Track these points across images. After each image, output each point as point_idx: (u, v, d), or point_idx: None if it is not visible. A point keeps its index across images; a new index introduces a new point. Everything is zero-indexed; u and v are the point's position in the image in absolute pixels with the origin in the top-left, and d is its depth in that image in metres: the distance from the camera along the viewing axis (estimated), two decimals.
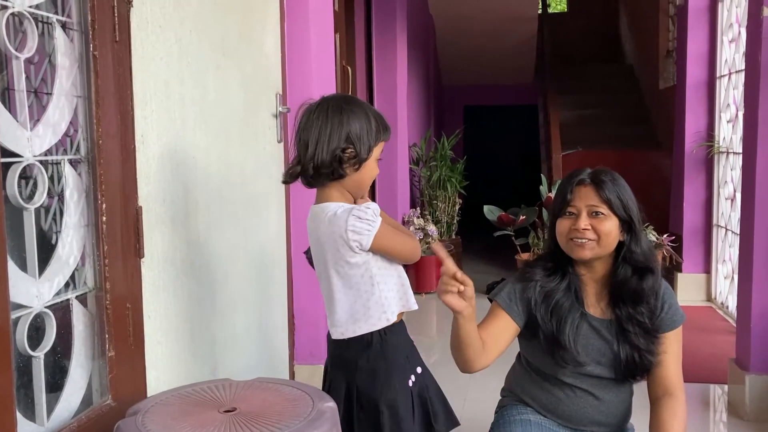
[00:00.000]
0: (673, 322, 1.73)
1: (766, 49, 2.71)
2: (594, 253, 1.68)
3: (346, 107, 1.72)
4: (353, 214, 1.65)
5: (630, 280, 1.69)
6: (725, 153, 4.58)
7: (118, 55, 1.68)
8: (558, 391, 1.77)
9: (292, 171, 1.73)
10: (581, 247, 1.67)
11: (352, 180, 1.72)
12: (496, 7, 7.11)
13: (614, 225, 1.67)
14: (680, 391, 1.72)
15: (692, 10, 4.78)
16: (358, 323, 1.72)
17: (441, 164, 5.93)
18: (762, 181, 2.78)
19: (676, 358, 1.74)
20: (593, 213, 1.67)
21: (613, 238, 1.68)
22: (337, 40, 3.88)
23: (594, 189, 1.67)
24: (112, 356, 1.66)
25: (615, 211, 1.67)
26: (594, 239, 1.66)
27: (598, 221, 1.66)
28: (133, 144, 1.74)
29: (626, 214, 1.67)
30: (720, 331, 4.09)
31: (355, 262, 1.68)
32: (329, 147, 1.67)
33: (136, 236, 1.75)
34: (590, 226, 1.66)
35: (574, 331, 1.69)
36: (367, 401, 1.69)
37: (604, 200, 1.66)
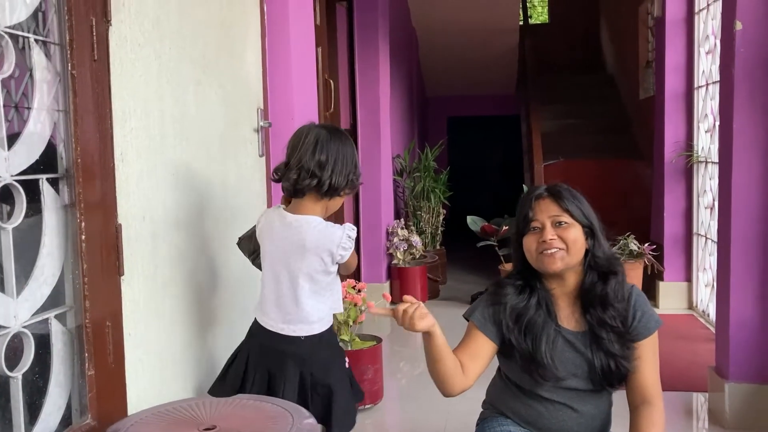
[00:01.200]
0: (647, 330, 1.74)
1: (739, 61, 2.76)
2: (565, 263, 1.70)
3: (349, 139, 2.02)
4: (347, 233, 1.95)
5: (596, 285, 1.72)
6: (704, 162, 4.64)
7: (97, 73, 1.68)
8: (537, 405, 1.78)
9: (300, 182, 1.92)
10: (552, 257, 1.69)
11: (335, 202, 2.01)
12: (478, 20, 7.18)
13: (579, 232, 1.71)
14: (658, 399, 1.72)
15: (669, 22, 4.85)
16: (322, 322, 1.99)
17: (425, 175, 5.96)
18: (738, 190, 2.82)
19: (652, 366, 1.74)
20: (557, 223, 1.70)
21: (580, 246, 1.71)
22: (319, 53, 3.90)
23: (553, 200, 1.72)
24: (91, 375, 1.66)
25: (577, 219, 1.71)
26: (563, 248, 1.69)
27: (563, 230, 1.69)
28: (112, 162, 1.75)
29: (587, 220, 1.72)
30: (701, 339, 4.13)
31: (331, 271, 1.97)
32: (345, 170, 1.95)
33: (116, 254, 1.75)
34: (556, 236, 1.69)
35: (550, 347, 1.71)
36: (321, 386, 1.96)
37: (564, 209, 1.70)
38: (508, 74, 8.79)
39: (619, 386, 1.78)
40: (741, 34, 2.75)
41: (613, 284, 1.71)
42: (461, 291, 5.61)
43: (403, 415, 3.22)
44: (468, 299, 5.19)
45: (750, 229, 2.83)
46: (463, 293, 5.46)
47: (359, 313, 3.13)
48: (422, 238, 5.79)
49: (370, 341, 3.22)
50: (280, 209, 2.02)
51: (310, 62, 3.17)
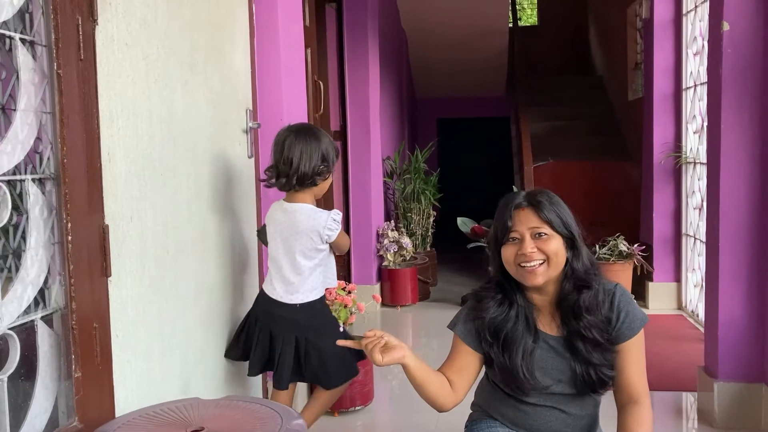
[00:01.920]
0: (631, 330, 1.69)
1: (726, 62, 2.78)
2: (546, 276, 1.66)
3: (318, 133, 2.41)
4: (332, 217, 2.40)
5: (570, 295, 1.68)
6: (692, 163, 4.67)
7: (83, 73, 1.67)
8: (524, 407, 1.77)
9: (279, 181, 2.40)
10: (532, 273, 1.65)
11: (319, 188, 2.45)
12: (468, 22, 7.19)
13: (560, 244, 1.66)
14: (645, 398, 1.69)
15: (658, 24, 4.88)
16: (314, 292, 2.46)
17: (415, 177, 5.96)
18: (726, 190, 2.84)
19: (638, 365, 1.71)
20: (536, 235, 1.65)
21: (561, 257, 1.66)
22: (309, 54, 3.90)
23: (533, 211, 1.66)
24: (78, 377, 1.64)
25: (557, 230, 1.65)
26: (542, 260, 1.65)
27: (543, 242, 1.64)
28: (99, 162, 1.73)
29: (567, 231, 1.67)
30: (691, 339, 4.15)
31: (321, 248, 2.42)
32: (311, 163, 2.35)
33: (103, 255, 1.74)
34: (536, 249, 1.64)
35: (527, 361, 1.68)
36: (314, 348, 2.39)
37: (544, 221, 1.65)
38: (498, 76, 8.81)
39: (604, 391, 1.76)
40: (728, 34, 2.77)
41: (586, 296, 1.67)
42: (452, 292, 5.61)
43: (394, 416, 3.21)
44: (458, 300, 5.19)
45: (738, 229, 2.85)
46: (454, 295, 5.46)
47: (349, 314, 3.13)
48: (412, 239, 5.78)
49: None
50: (282, 201, 2.48)
51: (299, 63, 3.17)
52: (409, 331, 4.81)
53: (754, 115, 2.77)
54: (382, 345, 1.58)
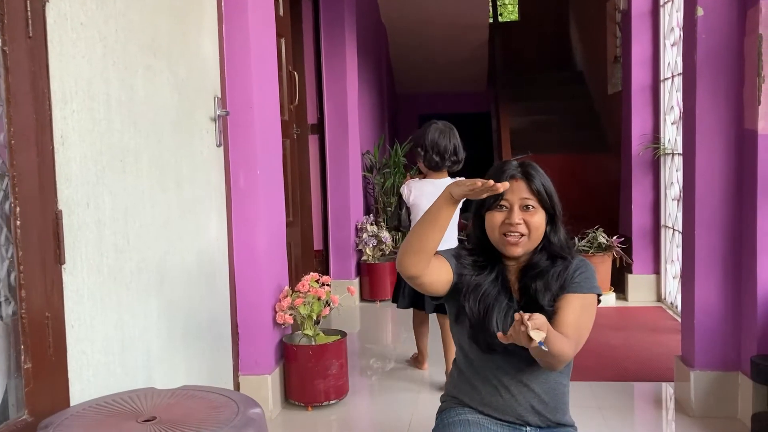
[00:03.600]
0: (577, 286, 1.68)
1: (701, 48, 2.75)
2: (524, 249, 1.71)
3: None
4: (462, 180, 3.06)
5: (540, 264, 1.71)
6: (671, 154, 4.65)
7: (32, 51, 1.60)
8: (490, 386, 1.75)
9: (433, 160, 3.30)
10: (514, 245, 1.68)
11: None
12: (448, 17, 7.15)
13: (542, 218, 1.71)
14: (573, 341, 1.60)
15: (635, 15, 4.86)
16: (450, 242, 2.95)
17: (394, 171, 5.91)
18: (701, 177, 2.81)
19: (575, 314, 1.63)
20: (524, 206, 1.69)
21: (541, 232, 1.71)
22: (283, 44, 3.83)
23: (525, 182, 1.69)
24: (28, 368, 1.57)
25: (543, 204, 1.70)
26: (525, 233, 1.68)
27: (530, 215, 1.69)
28: (51, 145, 1.67)
29: (551, 206, 1.72)
30: (670, 331, 4.13)
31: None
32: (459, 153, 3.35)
33: (56, 241, 1.67)
34: (522, 220, 1.68)
35: (501, 318, 1.69)
36: None
37: (534, 193, 1.69)
38: (479, 72, 8.78)
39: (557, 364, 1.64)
40: (702, 20, 2.74)
41: (559, 267, 1.70)
42: None
43: (369, 409, 3.16)
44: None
45: (714, 217, 2.82)
46: None
47: (323, 306, 3.07)
48: (392, 234, 5.73)
49: (335, 336, 3.15)
50: (424, 180, 3.35)
51: (270, 51, 3.10)
52: (388, 326, 4.76)
53: (729, 100, 2.74)
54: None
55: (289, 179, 3.91)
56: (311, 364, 3.00)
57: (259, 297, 2.94)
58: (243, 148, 2.86)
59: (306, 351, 3.01)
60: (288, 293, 3.06)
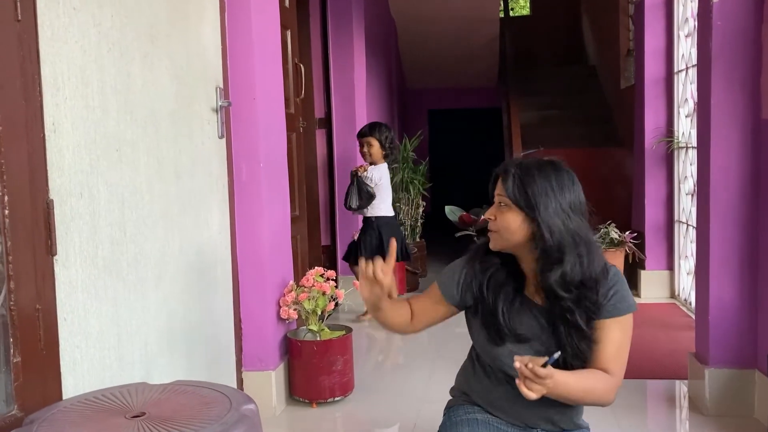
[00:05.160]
0: (615, 310, 1.61)
1: (716, 36, 2.67)
2: (500, 244, 1.65)
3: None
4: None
5: (545, 276, 1.60)
6: (684, 148, 4.56)
7: (21, 35, 1.55)
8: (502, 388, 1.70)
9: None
10: (491, 238, 1.68)
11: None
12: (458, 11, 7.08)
13: (514, 217, 1.60)
14: (615, 375, 1.59)
15: (649, 7, 4.77)
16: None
17: (403, 166, 5.84)
18: (716, 169, 2.73)
19: (614, 345, 1.60)
20: (499, 204, 1.65)
21: (514, 230, 1.60)
22: (288, 36, 3.77)
23: (501, 181, 1.65)
24: (17, 362, 1.53)
25: (516, 203, 1.60)
26: (497, 230, 1.65)
27: (499, 212, 1.64)
28: (42, 132, 1.62)
29: (527, 207, 1.59)
30: (683, 327, 4.04)
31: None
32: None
33: (47, 232, 1.62)
34: (494, 216, 1.65)
35: (507, 306, 1.65)
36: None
37: (506, 192, 1.62)
38: (489, 67, 8.69)
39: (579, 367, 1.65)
40: (719, 6, 2.65)
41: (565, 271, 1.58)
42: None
43: (375, 406, 3.10)
44: None
45: (729, 211, 2.74)
46: None
47: (328, 301, 3.02)
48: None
49: (340, 331, 3.10)
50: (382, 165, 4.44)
51: (274, 42, 3.05)
52: None
53: (746, 89, 2.66)
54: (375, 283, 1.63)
55: (295, 173, 3.85)
56: (316, 360, 2.94)
57: (262, 291, 2.88)
58: (245, 140, 2.81)
59: (311, 346, 2.95)
60: (292, 288, 3.01)
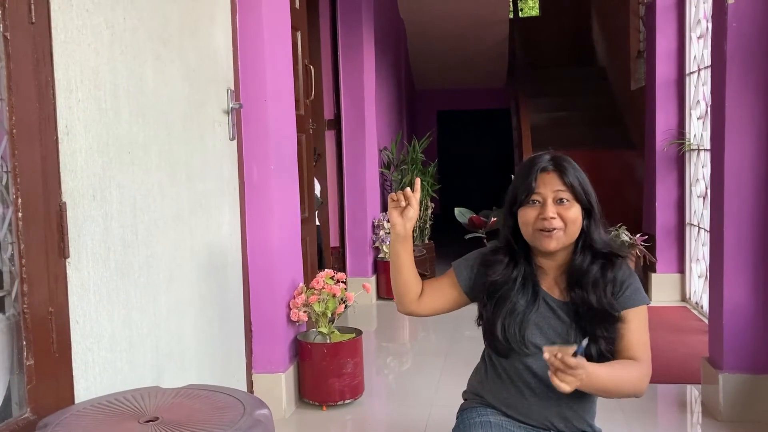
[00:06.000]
0: (632, 300, 1.62)
1: (731, 37, 2.64)
2: (560, 243, 1.61)
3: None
4: None
5: (590, 268, 1.61)
6: (696, 150, 4.53)
7: (35, 38, 1.55)
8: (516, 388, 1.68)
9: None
10: (549, 238, 1.60)
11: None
12: (467, 11, 7.05)
13: (578, 211, 1.61)
14: (645, 361, 1.61)
15: (660, 8, 4.74)
16: None
17: (412, 168, 5.83)
18: (730, 172, 2.70)
19: (638, 334, 1.61)
20: (558, 200, 1.60)
21: (578, 226, 1.61)
22: (299, 37, 3.77)
23: (558, 175, 1.60)
24: (30, 365, 1.52)
25: (578, 198, 1.61)
26: (561, 228, 1.59)
27: (564, 208, 1.59)
28: (55, 135, 1.62)
29: (587, 200, 1.62)
30: (695, 331, 4.02)
31: None
32: None
33: (60, 234, 1.62)
34: (557, 215, 1.59)
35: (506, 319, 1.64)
36: None
37: (568, 186, 1.60)
38: (498, 68, 8.67)
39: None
40: (733, 8, 2.63)
41: (610, 272, 1.61)
42: None
43: (385, 409, 3.09)
44: None
45: (743, 214, 2.72)
46: None
47: (338, 304, 3.01)
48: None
49: (350, 334, 3.09)
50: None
51: (285, 45, 3.04)
52: (405, 324, 4.68)
53: (760, 91, 2.63)
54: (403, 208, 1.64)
55: (305, 175, 3.85)
56: (326, 363, 2.93)
57: (272, 293, 2.88)
58: (256, 142, 2.81)
59: (321, 349, 2.94)
60: (302, 290, 3.00)
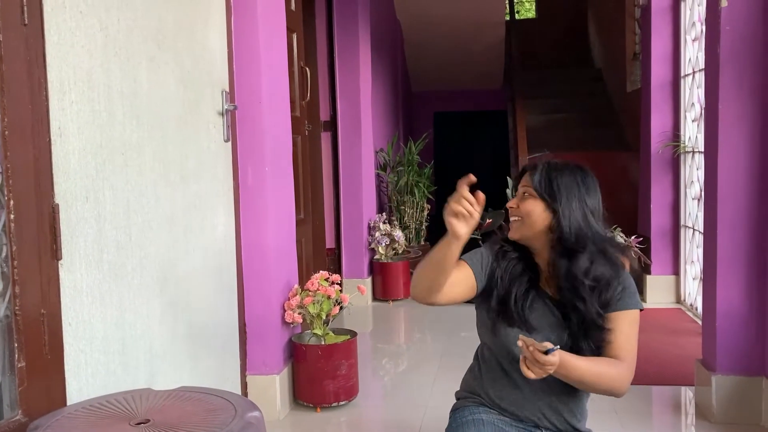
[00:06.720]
0: (623, 303, 1.67)
1: (724, 41, 2.65)
2: (519, 233, 1.72)
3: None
4: None
5: (560, 263, 1.67)
6: (691, 152, 4.54)
7: (28, 39, 1.55)
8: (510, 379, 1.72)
9: None
10: (511, 227, 1.75)
11: None
12: (464, 13, 7.06)
13: (536, 205, 1.70)
14: (628, 362, 1.64)
15: (655, 11, 4.75)
16: None
17: (408, 169, 5.84)
18: (724, 174, 2.71)
19: (625, 336, 1.66)
20: (523, 194, 1.74)
21: (535, 218, 1.69)
22: (294, 39, 3.77)
23: (529, 174, 1.75)
24: (22, 367, 1.52)
25: (539, 193, 1.70)
26: (518, 218, 1.72)
27: (523, 201, 1.73)
28: (48, 136, 1.62)
29: (550, 197, 1.69)
30: (689, 333, 4.02)
31: None
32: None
33: (53, 236, 1.62)
34: (516, 205, 1.73)
35: (521, 295, 1.71)
36: None
37: (531, 183, 1.73)
38: (495, 69, 8.67)
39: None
40: (727, 11, 2.64)
41: (581, 263, 1.65)
42: None
43: (379, 410, 3.09)
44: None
45: (737, 216, 2.72)
46: None
47: (333, 305, 3.01)
48: (406, 233, 5.66)
49: (345, 335, 3.09)
50: None
51: (280, 46, 3.04)
52: (401, 326, 4.69)
53: (754, 94, 2.64)
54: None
55: (300, 176, 3.85)
56: (320, 364, 2.93)
57: (267, 295, 2.88)
58: (251, 143, 2.81)
59: (315, 351, 2.94)
60: (297, 291, 3.00)
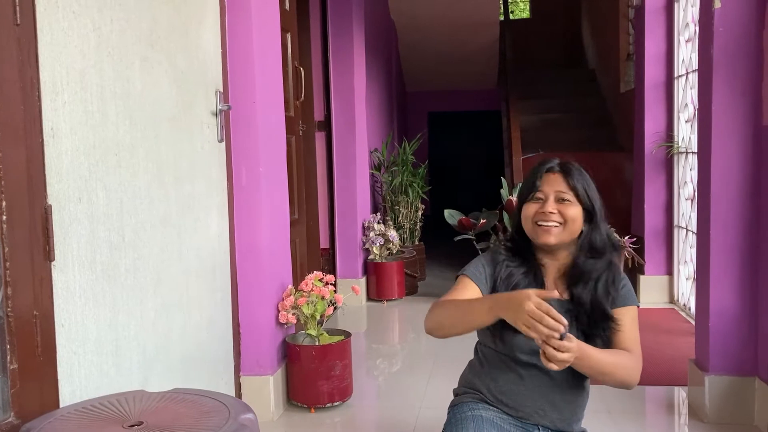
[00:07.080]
0: (624, 299, 1.71)
1: (717, 42, 2.66)
2: (559, 238, 1.69)
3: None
4: None
5: (585, 263, 1.70)
6: (684, 153, 4.55)
7: (20, 39, 1.54)
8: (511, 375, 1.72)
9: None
10: (547, 231, 1.69)
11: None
12: (458, 13, 7.07)
13: (579, 212, 1.70)
14: (636, 354, 1.68)
15: (649, 11, 4.76)
16: None
17: (402, 169, 5.83)
18: (717, 174, 2.72)
19: (629, 330, 1.70)
20: (560, 199, 1.70)
21: (577, 225, 1.71)
22: (289, 39, 3.77)
23: (562, 176, 1.72)
24: (14, 369, 1.51)
25: (580, 199, 1.71)
26: (560, 223, 1.69)
27: (564, 206, 1.69)
28: (40, 137, 1.61)
29: (589, 203, 1.71)
30: (683, 333, 4.04)
31: None
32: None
33: (45, 237, 1.61)
34: (557, 210, 1.69)
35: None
36: None
37: (570, 187, 1.70)
38: (489, 69, 8.69)
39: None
40: (720, 13, 2.65)
41: (601, 263, 1.70)
42: (440, 287, 5.50)
43: (373, 411, 3.09)
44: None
45: (730, 217, 2.74)
46: (442, 289, 5.33)
47: (327, 306, 3.01)
48: (400, 233, 5.66)
49: (339, 336, 3.09)
50: None
51: (274, 46, 3.04)
52: (395, 327, 4.69)
53: (747, 95, 2.65)
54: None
55: (294, 176, 3.85)
56: (314, 365, 2.93)
57: (261, 296, 2.87)
58: (245, 143, 2.80)
59: (309, 351, 2.94)
60: (291, 292, 3.00)
